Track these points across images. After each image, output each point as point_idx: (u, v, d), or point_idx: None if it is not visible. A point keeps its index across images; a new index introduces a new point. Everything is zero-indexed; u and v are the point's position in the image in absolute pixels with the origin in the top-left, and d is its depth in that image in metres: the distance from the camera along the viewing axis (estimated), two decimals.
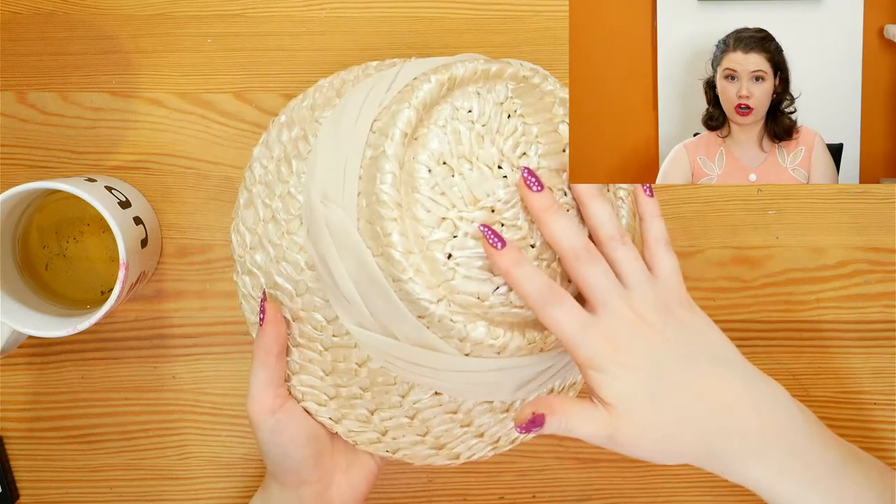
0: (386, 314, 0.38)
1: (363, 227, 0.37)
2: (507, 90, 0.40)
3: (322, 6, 0.51)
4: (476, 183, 0.38)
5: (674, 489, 0.52)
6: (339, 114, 0.41)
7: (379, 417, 0.43)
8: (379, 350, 0.39)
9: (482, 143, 0.39)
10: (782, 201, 0.52)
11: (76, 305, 0.48)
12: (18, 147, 0.51)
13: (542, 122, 0.40)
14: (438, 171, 0.38)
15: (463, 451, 0.45)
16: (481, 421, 0.44)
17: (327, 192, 0.38)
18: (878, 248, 0.52)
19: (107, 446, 0.51)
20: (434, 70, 0.39)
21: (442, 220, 0.37)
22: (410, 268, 0.36)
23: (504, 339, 0.37)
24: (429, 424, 0.43)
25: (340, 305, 0.39)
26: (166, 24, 0.51)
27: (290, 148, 0.43)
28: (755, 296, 0.52)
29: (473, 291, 0.37)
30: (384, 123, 0.38)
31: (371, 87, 0.41)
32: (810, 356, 0.52)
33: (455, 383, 0.40)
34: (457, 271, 0.37)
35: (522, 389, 0.41)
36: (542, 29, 0.51)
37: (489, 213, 0.38)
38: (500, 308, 0.38)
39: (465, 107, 0.39)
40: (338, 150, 0.39)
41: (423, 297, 0.36)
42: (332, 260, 0.38)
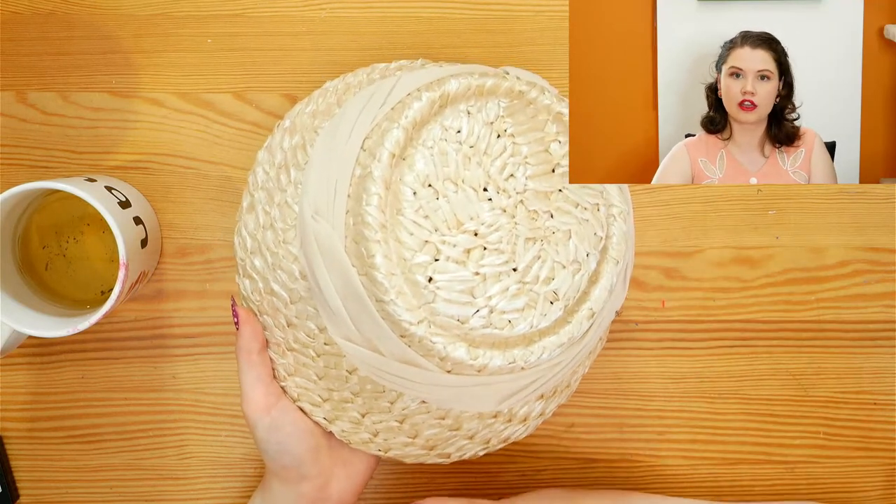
0: (370, 330, 0.38)
1: (350, 245, 0.38)
2: (499, 108, 0.40)
3: (322, 6, 0.51)
4: (460, 206, 0.39)
5: (674, 489, 0.52)
6: (335, 127, 0.41)
7: (370, 420, 0.43)
8: (364, 362, 0.40)
9: (469, 164, 0.39)
10: (782, 201, 0.52)
11: (76, 305, 0.48)
12: (18, 147, 0.51)
13: (533, 142, 0.40)
14: (423, 193, 0.38)
15: (453, 451, 0.45)
16: (470, 426, 0.44)
17: (318, 207, 0.39)
18: (877, 248, 0.52)
19: (107, 446, 0.51)
20: (428, 86, 0.39)
21: (425, 243, 0.38)
22: (392, 290, 0.36)
23: (484, 359, 0.38)
24: (418, 428, 0.43)
25: (328, 318, 0.40)
26: (166, 24, 0.51)
27: (290, 156, 0.43)
28: (755, 296, 0.52)
29: (454, 314, 0.38)
30: (374, 142, 0.38)
31: (367, 99, 0.41)
32: (810, 356, 0.52)
33: (439, 395, 0.40)
34: (437, 294, 0.37)
35: (507, 401, 0.42)
36: (542, 29, 0.51)
37: (472, 236, 0.38)
38: (482, 330, 0.38)
39: (454, 126, 0.39)
40: (330, 165, 0.39)
41: (403, 318, 0.36)
42: (321, 274, 0.39)
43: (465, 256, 0.38)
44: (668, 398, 0.52)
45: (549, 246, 0.39)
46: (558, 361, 0.41)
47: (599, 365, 0.51)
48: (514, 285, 0.38)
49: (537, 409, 0.46)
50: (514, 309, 0.38)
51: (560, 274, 0.39)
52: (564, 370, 0.43)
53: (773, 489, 0.52)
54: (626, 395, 0.52)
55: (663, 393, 0.52)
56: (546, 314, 0.39)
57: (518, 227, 0.39)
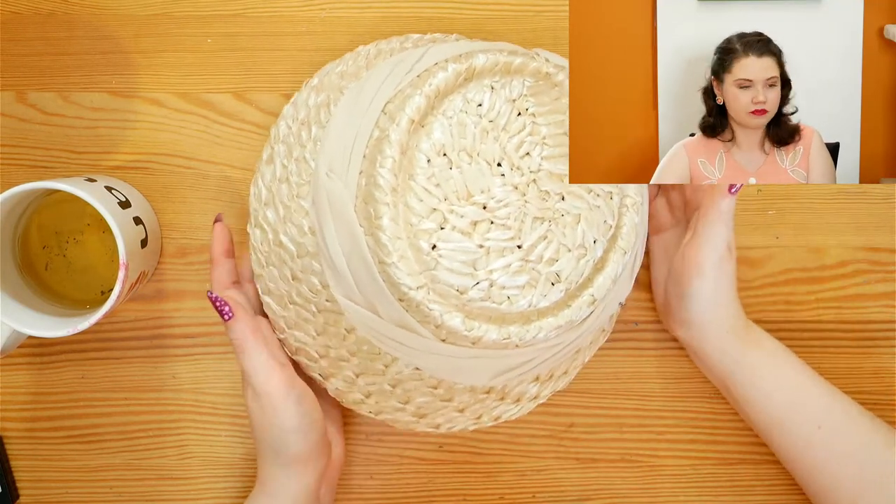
0: (371, 291, 0.39)
1: (359, 205, 0.38)
2: (524, 87, 0.40)
3: (322, 6, 0.51)
4: (472, 178, 0.39)
5: (673, 489, 0.52)
6: (359, 89, 0.41)
7: (364, 381, 0.44)
8: (363, 323, 0.40)
9: (486, 138, 0.39)
10: (782, 201, 0.52)
11: (76, 305, 0.48)
12: (18, 147, 0.51)
13: (553, 124, 0.40)
14: (438, 161, 0.38)
15: (443, 422, 0.46)
16: (462, 398, 0.44)
17: (333, 165, 0.39)
18: (877, 248, 0.52)
19: (107, 446, 0.51)
20: (456, 58, 0.40)
21: (433, 210, 0.38)
22: (395, 252, 0.37)
23: (479, 331, 0.38)
24: (410, 395, 0.44)
25: (332, 275, 0.40)
26: (166, 24, 0.51)
27: (314, 113, 0.44)
28: (755, 296, 0.52)
29: (453, 284, 0.38)
30: (395, 106, 0.39)
31: (395, 65, 0.41)
32: (810, 356, 0.52)
33: (432, 363, 0.41)
34: (439, 262, 0.38)
35: (501, 377, 0.42)
36: (542, 29, 0.51)
37: (481, 209, 0.39)
38: (480, 302, 0.38)
39: (475, 100, 0.39)
40: (350, 125, 0.40)
41: (403, 282, 0.37)
42: (329, 231, 0.39)
43: (471, 228, 0.38)
44: (668, 398, 0.52)
45: (557, 228, 0.40)
46: (555, 343, 0.41)
47: (599, 365, 0.51)
48: (517, 262, 0.39)
49: (531, 390, 0.46)
50: (514, 286, 0.39)
51: (565, 257, 0.39)
52: (562, 353, 0.43)
53: (773, 489, 0.52)
54: (626, 395, 0.52)
55: (663, 393, 0.52)
56: (546, 295, 0.39)
57: (528, 205, 0.39)
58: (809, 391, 0.45)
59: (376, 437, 0.51)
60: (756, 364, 0.46)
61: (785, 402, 0.45)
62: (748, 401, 0.46)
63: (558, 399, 0.51)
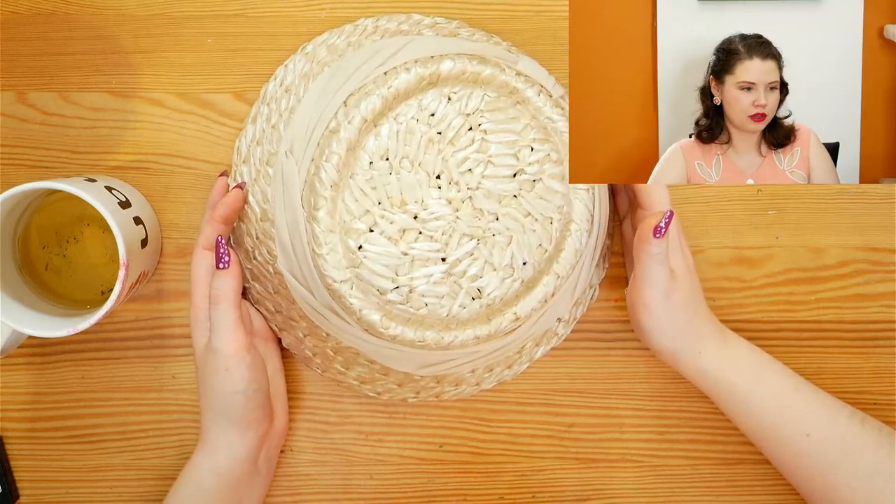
0: (307, 273, 0.41)
1: (306, 192, 0.40)
2: (482, 101, 0.41)
3: (322, 6, 0.51)
4: (409, 187, 0.40)
5: (673, 489, 0.52)
6: (332, 73, 0.42)
7: (311, 342, 0.46)
8: (301, 298, 0.42)
9: (430, 149, 0.40)
10: (782, 201, 0.52)
11: (76, 305, 0.48)
12: (18, 147, 0.51)
13: (503, 144, 0.41)
14: (379, 165, 0.40)
15: (383, 391, 0.48)
16: (398, 376, 0.46)
17: (294, 145, 0.41)
18: (877, 248, 0.52)
19: (107, 446, 0.51)
20: (426, 60, 0.40)
21: (365, 212, 0.40)
22: (326, 245, 0.39)
23: (395, 331, 0.39)
24: (350, 364, 0.46)
25: (279, 248, 0.42)
26: (166, 24, 0.51)
27: (298, 83, 0.45)
28: (755, 296, 0.52)
29: (374, 284, 0.40)
30: (356, 100, 0.40)
31: (371, 55, 0.42)
32: (810, 356, 0.52)
33: (362, 347, 0.42)
34: (364, 262, 0.39)
35: (426, 369, 0.44)
36: (542, 29, 0.51)
37: (411, 218, 0.40)
38: (399, 305, 0.40)
39: (430, 108, 0.40)
40: (316, 108, 0.41)
41: (329, 273, 0.39)
42: (278, 208, 0.41)
43: (399, 235, 0.40)
44: (668, 398, 0.52)
45: (485, 247, 0.40)
46: (476, 349, 0.42)
47: (599, 365, 0.51)
48: (440, 274, 0.40)
49: (471, 379, 0.48)
50: (434, 295, 0.40)
51: (489, 275, 0.40)
52: (491, 356, 0.44)
53: (773, 489, 0.52)
54: (626, 395, 0.52)
55: (663, 393, 0.52)
56: (466, 307, 0.40)
57: (458, 221, 0.40)
58: (794, 399, 0.45)
59: (376, 437, 0.51)
60: (736, 381, 0.45)
61: (771, 414, 0.45)
62: (734, 416, 0.46)
63: (558, 399, 0.51)
